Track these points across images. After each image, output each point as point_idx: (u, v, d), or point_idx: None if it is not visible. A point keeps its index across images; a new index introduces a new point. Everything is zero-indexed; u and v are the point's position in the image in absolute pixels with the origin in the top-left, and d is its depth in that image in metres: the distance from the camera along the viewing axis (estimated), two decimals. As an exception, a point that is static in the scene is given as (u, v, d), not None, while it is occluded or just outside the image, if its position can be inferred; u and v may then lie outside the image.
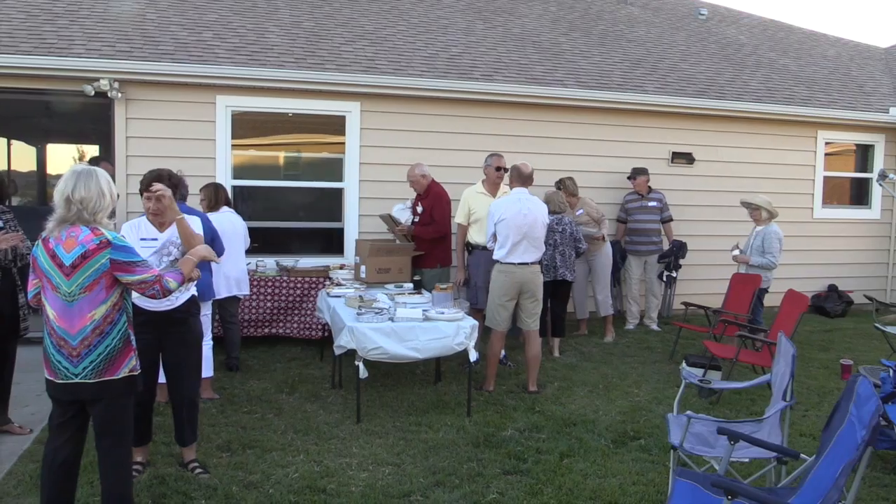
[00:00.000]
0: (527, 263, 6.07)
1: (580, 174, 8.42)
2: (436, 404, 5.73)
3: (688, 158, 9.56)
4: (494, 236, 6.14)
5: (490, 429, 5.22)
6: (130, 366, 3.45)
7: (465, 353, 5.44)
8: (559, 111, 8.91)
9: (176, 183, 4.15)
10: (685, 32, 12.30)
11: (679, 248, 8.84)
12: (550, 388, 6.29)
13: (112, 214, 3.52)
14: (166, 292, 3.44)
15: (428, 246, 6.97)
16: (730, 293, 7.44)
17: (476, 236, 6.87)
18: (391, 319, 5.28)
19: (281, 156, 8.70)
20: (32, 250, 3.42)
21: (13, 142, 12.59)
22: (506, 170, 6.85)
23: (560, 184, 8.10)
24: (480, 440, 4.98)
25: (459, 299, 6.24)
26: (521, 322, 6.22)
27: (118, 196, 3.71)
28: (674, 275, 8.89)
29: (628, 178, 8.82)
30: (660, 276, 8.88)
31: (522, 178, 6.21)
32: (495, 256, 6.14)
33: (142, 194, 4.12)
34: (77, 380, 3.34)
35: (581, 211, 8.13)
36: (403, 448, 4.82)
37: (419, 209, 7.13)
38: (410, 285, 6.45)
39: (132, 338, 3.49)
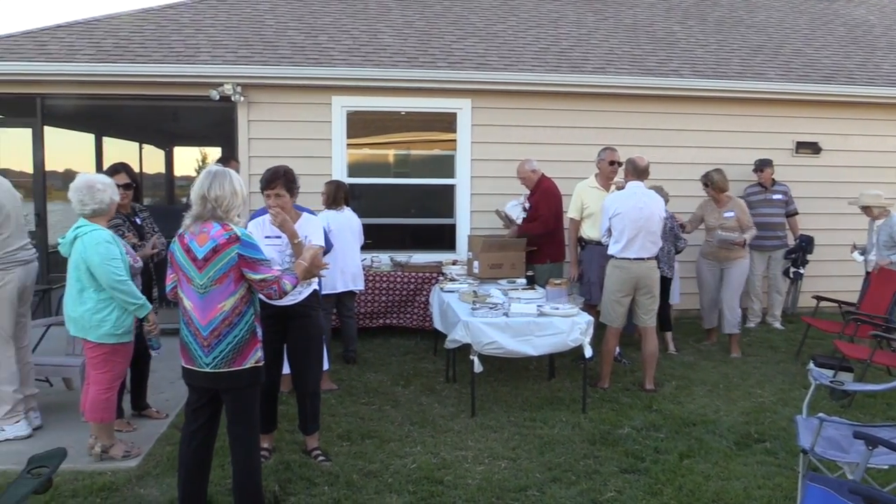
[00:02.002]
0: (643, 258, 5.94)
1: (697, 167, 8.13)
2: (550, 400, 5.70)
3: (813, 148, 9.05)
4: (609, 231, 6.04)
5: (606, 426, 5.14)
6: (256, 357, 3.62)
7: (579, 349, 5.39)
8: (674, 102, 8.64)
9: (292, 179, 4.27)
10: (808, 15, 11.67)
11: (807, 244, 8.39)
12: (668, 386, 6.12)
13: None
14: (282, 294, 3.59)
15: (539, 241, 6.92)
16: (869, 291, 6.97)
17: (589, 231, 6.76)
18: (506, 315, 5.29)
19: (394, 153, 8.87)
20: (170, 246, 3.64)
21: (144, 146, 13.39)
22: (619, 164, 6.73)
23: (706, 178, 7.37)
24: (596, 437, 4.92)
25: (574, 295, 6.17)
26: (637, 318, 6.10)
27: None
28: (801, 271, 8.45)
29: (754, 170, 8.40)
30: (785, 273, 8.47)
31: (638, 172, 6.07)
32: (610, 251, 6.04)
33: (263, 192, 4.27)
34: (208, 368, 3.55)
35: (731, 213, 7.24)
36: (518, 443, 4.82)
37: (526, 205, 7.12)
38: (524, 281, 6.43)
39: (258, 330, 3.66)
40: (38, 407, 5.16)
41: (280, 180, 4.22)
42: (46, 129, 8.25)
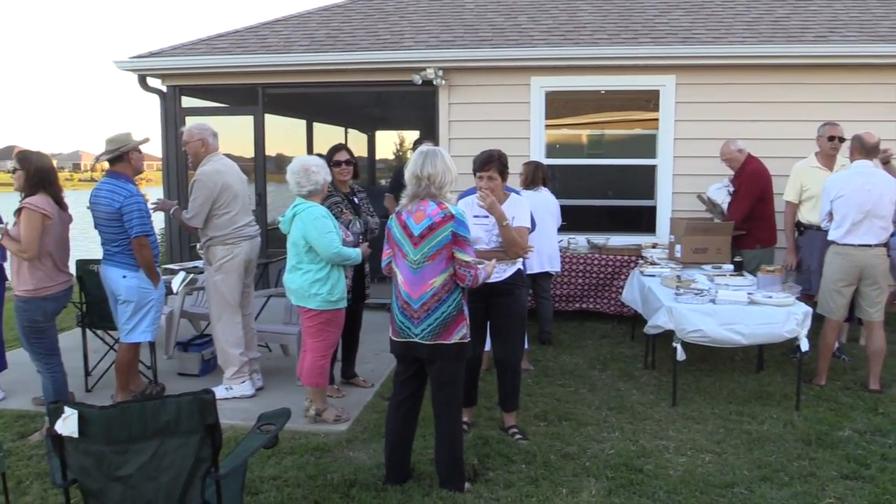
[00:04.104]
0: (869, 245, 5.39)
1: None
2: (758, 394, 5.35)
3: None
4: (830, 215, 5.54)
5: (823, 427, 4.73)
6: (461, 333, 3.71)
7: (791, 341, 5.02)
8: (911, 71, 7.70)
9: (505, 163, 4.31)
10: None
11: None
12: (896, 387, 5.55)
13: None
14: (475, 282, 3.65)
15: (748, 225, 6.49)
16: None
17: (809, 215, 6.21)
18: (713, 301, 5.02)
19: (592, 134, 8.70)
20: (388, 223, 3.81)
21: (349, 130, 14.16)
22: (841, 140, 6.13)
23: None
24: (812, 438, 4.55)
25: (789, 283, 5.72)
26: (861, 311, 5.55)
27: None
28: None
29: None
30: None
31: (866, 150, 5.50)
32: (831, 237, 5.54)
33: (475, 174, 4.34)
34: (416, 339, 3.69)
35: None
36: (724, 437, 4.58)
37: (731, 189, 6.69)
38: (730, 266, 6.07)
39: (465, 308, 3.75)
40: (260, 370, 5.64)
41: (494, 163, 4.28)
42: (266, 115, 8.92)
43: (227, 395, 5.23)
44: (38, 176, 4.58)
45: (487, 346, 4.60)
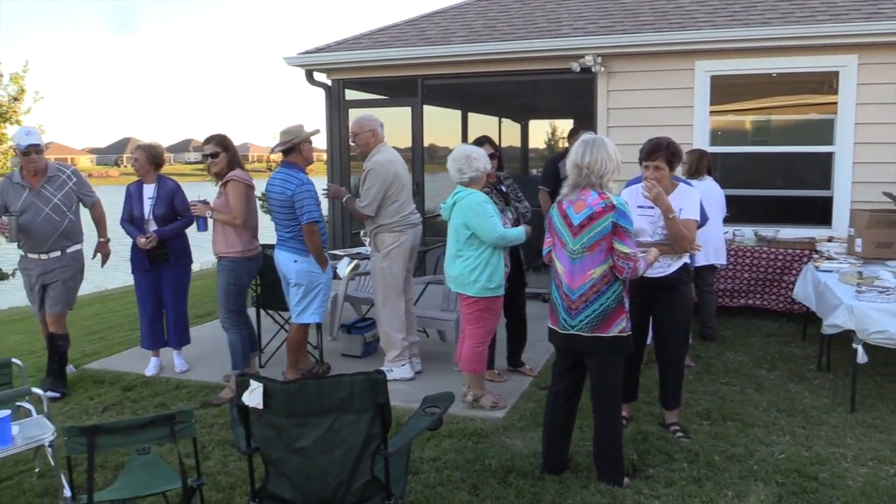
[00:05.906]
0: None
1: None
2: (951, 404, 4.88)
3: None
4: None
5: None
6: (621, 326, 3.63)
7: None
8: None
9: (674, 152, 4.16)
10: None
11: None
12: None
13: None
14: (635, 274, 3.56)
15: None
16: None
17: None
18: (900, 300, 4.62)
19: (759, 119, 8.21)
20: (549, 212, 3.80)
21: (503, 120, 14.19)
22: None
23: None
24: None
25: None
26: None
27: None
28: None
29: None
30: None
31: None
32: None
33: (641, 163, 4.22)
34: (573, 331, 3.66)
35: None
36: (910, 448, 4.22)
37: None
38: (920, 263, 5.56)
39: (625, 300, 3.66)
40: (418, 354, 5.79)
41: (661, 152, 4.13)
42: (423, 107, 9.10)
43: (388, 376, 5.37)
44: (236, 156, 5.30)
45: (649, 340, 4.48)
